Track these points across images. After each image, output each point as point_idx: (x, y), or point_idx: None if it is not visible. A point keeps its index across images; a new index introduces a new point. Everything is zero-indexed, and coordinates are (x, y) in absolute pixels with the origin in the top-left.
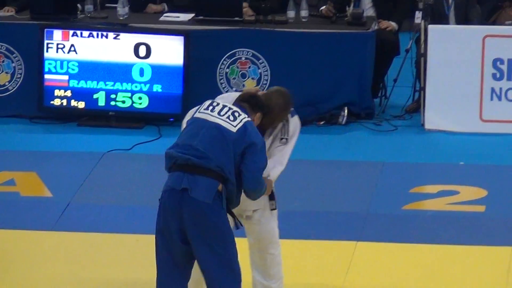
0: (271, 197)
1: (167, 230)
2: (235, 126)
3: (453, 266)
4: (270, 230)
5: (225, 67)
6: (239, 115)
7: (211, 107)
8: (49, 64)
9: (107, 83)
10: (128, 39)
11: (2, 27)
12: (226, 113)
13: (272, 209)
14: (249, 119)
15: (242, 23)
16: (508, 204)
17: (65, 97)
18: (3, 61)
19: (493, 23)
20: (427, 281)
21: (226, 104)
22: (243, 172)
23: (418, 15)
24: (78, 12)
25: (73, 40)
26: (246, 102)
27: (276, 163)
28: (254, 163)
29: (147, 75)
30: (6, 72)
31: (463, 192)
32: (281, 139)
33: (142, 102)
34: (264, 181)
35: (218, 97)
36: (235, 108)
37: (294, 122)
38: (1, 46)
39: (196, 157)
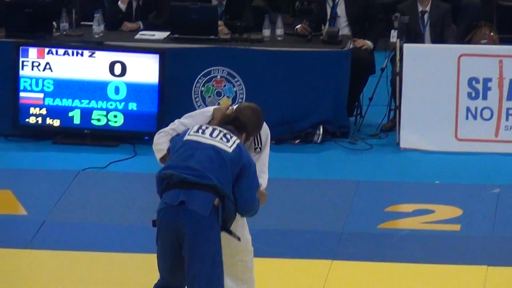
0: None
1: (169, 247)
2: (230, 147)
3: (429, 285)
4: (242, 238)
5: (201, 85)
6: (231, 137)
7: (201, 130)
8: (25, 82)
9: (82, 101)
10: (104, 57)
11: None
12: (218, 135)
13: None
14: (239, 140)
15: (217, 41)
16: (483, 223)
17: (40, 115)
18: None
19: (469, 42)
20: None
21: (214, 127)
22: (239, 195)
23: (394, 34)
24: (54, 30)
25: (48, 58)
26: (231, 124)
27: (261, 173)
28: (250, 187)
29: (123, 93)
30: None
31: (438, 211)
32: (255, 149)
33: (117, 120)
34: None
35: (187, 115)
36: (225, 131)
37: (264, 129)
38: None
39: (192, 175)
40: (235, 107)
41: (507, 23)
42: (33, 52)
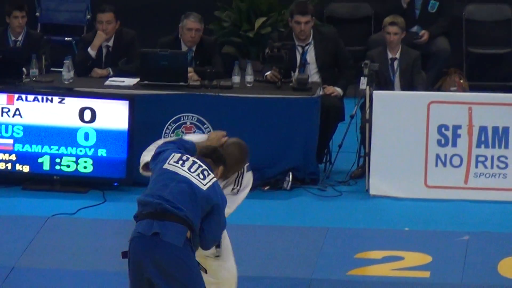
0: (218, 245)
1: (139, 278)
2: (204, 185)
3: None
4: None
5: (170, 132)
6: (208, 174)
7: (181, 161)
8: None
9: (52, 147)
10: (73, 103)
11: None
12: (196, 170)
13: (216, 256)
14: (216, 178)
15: (187, 88)
16: (452, 270)
17: (9, 161)
18: None
19: (438, 89)
20: None
21: (195, 160)
22: (208, 231)
23: (363, 81)
24: (23, 76)
25: (18, 104)
26: (209, 157)
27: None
28: (218, 226)
29: (92, 139)
30: None
31: (407, 257)
32: (232, 189)
33: (86, 167)
34: None
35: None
36: (204, 166)
37: (248, 177)
38: None
39: (166, 205)
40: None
41: (477, 70)
42: (2, 98)
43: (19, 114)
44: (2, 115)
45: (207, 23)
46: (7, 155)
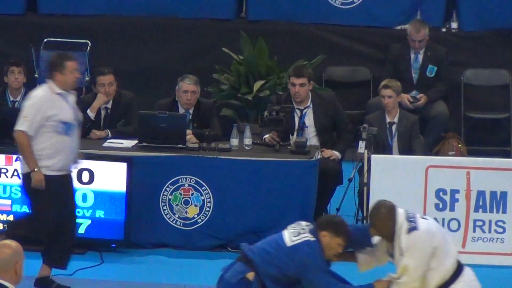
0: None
1: None
2: (292, 241)
3: None
4: None
5: (168, 194)
6: (303, 233)
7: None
8: None
9: None
10: None
11: None
12: (297, 230)
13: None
14: (312, 238)
15: (185, 150)
16: None
17: (7, 221)
18: None
19: (437, 154)
20: None
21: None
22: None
23: (362, 145)
24: None
25: (16, 165)
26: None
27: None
28: (320, 283)
29: (90, 201)
30: None
31: None
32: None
33: (84, 228)
34: None
35: None
36: (307, 229)
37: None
38: None
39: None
40: None
41: (475, 135)
42: (1, 158)
43: (17, 175)
44: (0, 176)
45: (206, 85)
46: (5, 215)
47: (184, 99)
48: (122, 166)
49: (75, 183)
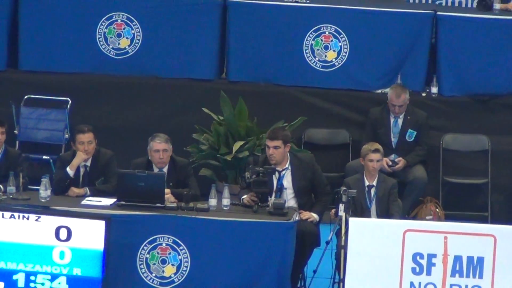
0: None
1: None
2: None
3: None
4: None
5: (146, 253)
6: None
7: None
8: None
9: (27, 264)
10: (49, 222)
11: None
12: None
13: None
14: None
15: (163, 209)
16: None
17: None
18: None
19: (414, 218)
20: None
21: None
22: None
23: (341, 207)
24: (0, 193)
25: None
26: None
27: None
28: None
29: (67, 258)
30: None
31: None
32: None
33: (61, 285)
34: None
35: None
36: None
37: None
38: None
39: None
40: None
41: (453, 199)
42: None
43: None
44: None
45: (186, 145)
46: None
47: (156, 158)
48: (100, 224)
49: (54, 240)
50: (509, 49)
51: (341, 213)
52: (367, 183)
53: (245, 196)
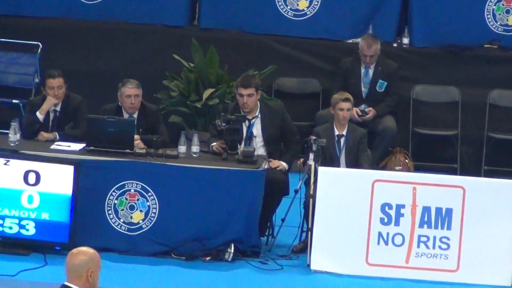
0: None
1: None
2: None
3: None
4: None
5: (114, 198)
6: None
7: None
8: None
9: None
10: (18, 166)
11: None
12: None
13: None
14: None
15: (132, 155)
16: None
17: None
18: None
19: (383, 168)
20: None
21: None
22: None
23: (311, 156)
24: None
25: None
26: None
27: None
28: None
29: (36, 203)
30: None
31: None
32: None
33: (29, 229)
34: None
35: None
36: None
37: None
38: None
39: None
40: None
41: (422, 151)
42: None
43: None
44: None
45: (156, 92)
46: None
47: (128, 104)
48: (69, 169)
49: (22, 184)
50: (480, 0)
51: (311, 162)
52: (336, 132)
53: (214, 144)
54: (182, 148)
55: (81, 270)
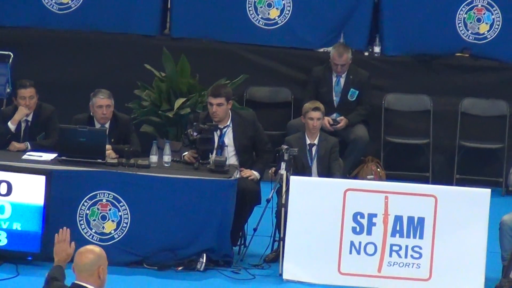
0: None
1: None
2: None
3: None
4: None
5: (86, 208)
6: None
7: None
8: None
9: None
10: None
11: None
12: None
13: None
14: None
15: (104, 165)
16: None
17: None
18: None
19: (355, 177)
20: None
21: None
22: None
23: (283, 166)
24: None
25: None
26: None
27: None
28: None
29: (7, 213)
30: None
31: None
32: None
33: (1, 240)
34: None
35: None
36: None
37: None
38: None
39: None
40: None
41: (394, 159)
42: None
43: None
44: None
45: (127, 101)
46: None
47: (99, 114)
48: (41, 179)
49: None
50: (451, 9)
51: (282, 171)
52: (308, 141)
53: (186, 153)
54: (153, 158)
55: (92, 268)
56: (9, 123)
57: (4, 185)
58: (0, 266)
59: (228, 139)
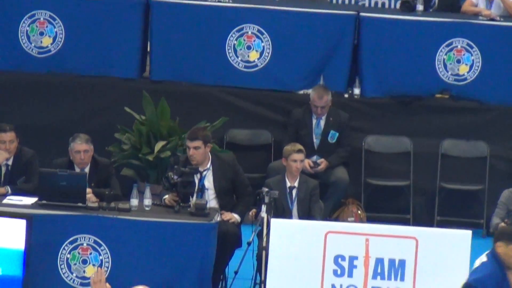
0: None
1: None
2: None
3: None
4: None
5: (67, 253)
6: None
7: None
8: None
9: None
10: None
11: None
12: None
13: None
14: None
15: (85, 209)
16: None
17: None
18: None
19: (336, 219)
20: None
21: None
22: None
23: (263, 208)
24: None
25: None
26: None
27: None
28: None
29: None
30: None
31: None
32: None
33: None
34: None
35: None
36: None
37: None
38: None
39: None
40: None
41: (375, 201)
42: None
43: None
44: None
45: (107, 145)
46: None
47: (77, 159)
48: (21, 223)
49: None
50: (431, 51)
51: (263, 214)
52: (288, 184)
53: (166, 196)
54: (134, 201)
55: None
56: None
57: None
58: None
59: (208, 182)
